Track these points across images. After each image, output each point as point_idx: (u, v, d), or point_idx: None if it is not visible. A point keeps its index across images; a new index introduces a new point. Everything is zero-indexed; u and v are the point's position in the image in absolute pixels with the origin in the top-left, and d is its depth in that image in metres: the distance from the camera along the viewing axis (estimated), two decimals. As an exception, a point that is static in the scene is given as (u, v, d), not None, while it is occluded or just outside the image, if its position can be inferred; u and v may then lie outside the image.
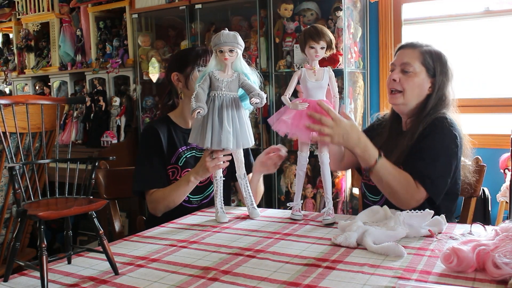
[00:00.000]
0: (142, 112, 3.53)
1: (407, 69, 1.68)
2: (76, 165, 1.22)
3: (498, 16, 2.77)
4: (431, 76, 1.69)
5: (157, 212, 1.81)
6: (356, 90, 2.92)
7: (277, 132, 1.52)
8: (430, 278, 1.02)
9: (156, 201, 1.79)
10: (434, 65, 1.68)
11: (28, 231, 2.21)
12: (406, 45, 1.75)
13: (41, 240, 1.00)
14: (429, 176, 1.55)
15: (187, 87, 1.88)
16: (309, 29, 1.48)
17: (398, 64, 1.71)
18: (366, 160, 1.55)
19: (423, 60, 1.68)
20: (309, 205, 2.86)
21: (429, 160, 1.57)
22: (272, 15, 2.89)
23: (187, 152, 1.88)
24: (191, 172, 1.71)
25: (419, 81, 1.68)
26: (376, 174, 1.55)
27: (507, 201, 2.40)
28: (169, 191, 1.77)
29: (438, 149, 1.59)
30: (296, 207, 1.57)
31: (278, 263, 1.14)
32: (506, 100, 2.74)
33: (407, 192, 1.54)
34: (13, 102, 1.16)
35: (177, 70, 1.90)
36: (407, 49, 1.72)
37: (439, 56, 1.71)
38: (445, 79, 1.69)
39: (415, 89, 1.68)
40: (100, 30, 3.74)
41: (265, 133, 3.01)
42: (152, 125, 1.91)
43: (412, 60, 1.68)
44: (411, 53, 1.70)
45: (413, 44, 1.73)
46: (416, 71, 1.67)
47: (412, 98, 1.69)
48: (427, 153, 1.58)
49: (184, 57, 1.91)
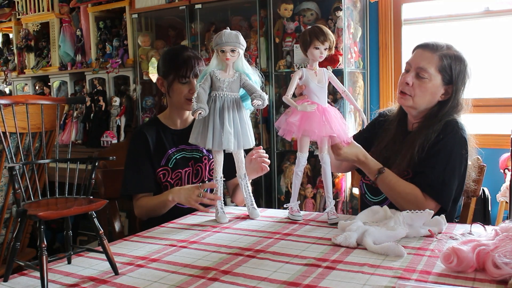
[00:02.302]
0: (142, 112, 3.53)
1: (422, 74, 1.62)
2: (76, 165, 1.22)
3: (498, 16, 2.77)
4: (446, 84, 1.64)
5: (142, 217, 1.85)
6: (356, 90, 2.92)
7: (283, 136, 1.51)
8: (430, 278, 1.02)
9: (140, 207, 1.83)
10: (452, 72, 1.62)
11: (28, 231, 2.20)
12: (426, 46, 1.66)
13: (41, 240, 1.00)
14: (437, 186, 1.54)
15: (168, 94, 1.89)
16: (314, 29, 1.46)
17: (414, 66, 1.65)
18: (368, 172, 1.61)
19: (441, 66, 1.62)
20: (309, 205, 2.86)
21: (439, 167, 1.55)
22: (272, 15, 2.89)
23: (176, 154, 1.87)
24: (173, 192, 1.72)
25: (433, 88, 1.63)
26: (382, 184, 1.59)
27: (507, 201, 2.40)
28: (151, 202, 1.80)
29: (447, 154, 1.57)
30: (295, 208, 1.57)
31: (278, 263, 1.14)
32: (506, 100, 2.74)
33: (414, 205, 1.52)
34: (13, 102, 1.16)
35: (161, 75, 1.91)
36: (426, 51, 1.64)
37: (459, 61, 1.64)
38: (461, 85, 1.64)
39: (427, 96, 1.64)
40: (100, 30, 3.73)
41: (265, 133, 3.01)
42: (140, 129, 1.91)
43: (429, 66, 1.61)
44: (429, 57, 1.62)
45: (433, 46, 1.64)
46: (430, 78, 1.61)
47: (422, 103, 1.65)
48: (437, 159, 1.56)
49: (167, 62, 1.88)
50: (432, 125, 1.61)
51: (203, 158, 1.89)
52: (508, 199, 2.38)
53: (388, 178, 1.57)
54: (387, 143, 1.72)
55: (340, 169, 1.91)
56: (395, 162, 1.62)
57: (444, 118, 1.62)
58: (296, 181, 1.54)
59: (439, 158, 1.57)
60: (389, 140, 1.73)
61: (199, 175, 1.89)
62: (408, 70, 1.68)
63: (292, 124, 1.45)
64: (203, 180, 1.89)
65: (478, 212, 2.35)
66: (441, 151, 1.57)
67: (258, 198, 2.98)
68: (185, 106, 1.87)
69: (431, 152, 1.59)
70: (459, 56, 1.65)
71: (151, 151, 1.85)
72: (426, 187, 1.54)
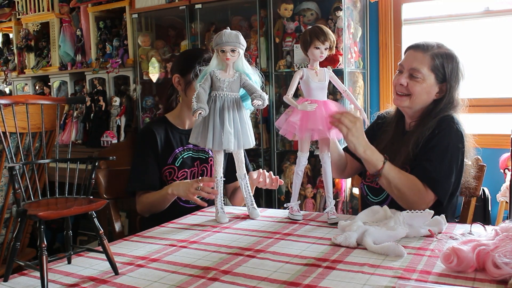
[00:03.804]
0: (142, 112, 3.53)
1: (416, 74, 1.64)
2: (76, 165, 1.22)
3: (498, 16, 2.77)
4: (440, 82, 1.65)
5: (144, 214, 1.86)
6: (356, 90, 2.92)
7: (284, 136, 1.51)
8: (430, 278, 1.02)
9: (141, 203, 1.84)
10: (444, 70, 1.64)
11: (28, 231, 2.20)
12: (416, 47, 1.68)
13: (41, 240, 1.00)
14: (436, 177, 1.55)
15: (185, 93, 1.88)
16: (314, 29, 1.46)
17: (406, 67, 1.67)
18: (373, 164, 1.55)
19: (433, 65, 1.63)
20: (309, 205, 2.86)
21: (436, 160, 1.56)
22: (272, 15, 2.89)
23: (184, 153, 1.88)
24: (173, 186, 1.74)
25: (427, 87, 1.65)
26: (385, 177, 1.55)
27: (507, 201, 2.40)
28: (152, 197, 1.81)
29: (444, 148, 1.58)
30: (295, 207, 1.57)
31: (278, 263, 1.14)
32: (506, 100, 2.74)
33: (416, 195, 1.54)
34: (13, 102, 1.16)
35: (179, 73, 1.90)
36: (418, 52, 1.66)
37: (451, 59, 1.65)
38: (455, 83, 1.66)
39: (423, 96, 1.66)
40: (100, 30, 3.73)
41: (265, 133, 3.01)
42: (149, 126, 1.92)
43: (421, 66, 1.63)
44: (421, 57, 1.64)
45: (424, 46, 1.66)
46: (424, 77, 1.63)
47: (418, 102, 1.67)
48: (434, 153, 1.57)
49: (189, 61, 1.88)
50: (427, 122, 1.63)
51: (209, 159, 1.91)
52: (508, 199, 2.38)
53: (392, 166, 1.57)
54: (386, 144, 1.73)
55: (343, 174, 1.90)
56: (393, 162, 1.62)
57: (439, 115, 1.63)
58: (296, 180, 1.54)
59: (435, 151, 1.57)
60: (388, 141, 1.75)
61: (204, 175, 1.90)
62: (401, 71, 1.70)
63: (293, 124, 1.46)
64: None
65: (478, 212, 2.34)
66: (437, 145, 1.58)
67: (258, 198, 2.98)
68: None
69: (427, 146, 1.60)
70: (450, 54, 1.66)
71: (158, 149, 1.86)
72: (425, 178, 1.55)
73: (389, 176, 1.55)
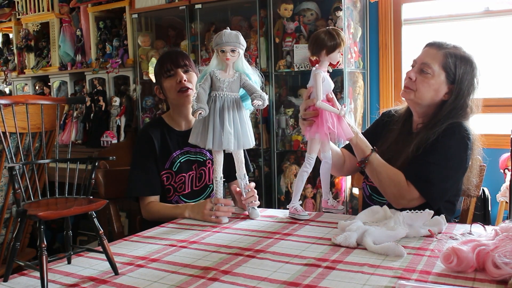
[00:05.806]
0: (142, 112, 3.53)
1: (425, 69, 1.62)
2: (76, 165, 1.22)
3: (498, 16, 2.77)
4: (450, 82, 1.62)
5: (149, 219, 1.83)
6: (356, 90, 2.92)
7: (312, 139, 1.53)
8: (430, 278, 1.02)
9: (150, 213, 1.81)
10: (456, 71, 1.61)
11: (28, 231, 2.20)
12: (433, 44, 1.66)
13: (41, 240, 1.00)
14: (426, 178, 1.53)
15: (164, 95, 1.91)
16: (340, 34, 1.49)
17: (419, 62, 1.66)
18: (363, 150, 1.60)
19: (445, 63, 1.60)
20: (309, 205, 2.86)
21: (432, 163, 1.55)
22: (272, 15, 2.89)
23: (181, 157, 1.87)
24: (189, 208, 1.67)
25: (435, 85, 1.61)
26: (371, 165, 1.59)
27: (507, 201, 2.40)
28: (165, 211, 1.75)
29: (444, 153, 1.56)
30: (299, 208, 1.57)
31: (278, 263, 1.14)
32: (506, 100, 2.74)
33: (395, 187, 1.54)
34: (13, 102, 1.16)
35: (156, 83, 1.97)
36: (433, 48, 1.64)
37: (466, 62, 1.62)
38: (467, 88, 1.62)
39: (430, 92, 1.62)
40: (100, 30, 3.73)
41: (265, 133, 3.01)
42: (146, 130, 1.91)
43: (433, 62, 1.61)
44: (435, 54, 1.62)
45: (440, 44, 1.65)
46: (434, 74, 1.61)
47: (424, 98, 1.64)
48: (432, 156, 1.56)
49: (156, 67, 1.93)
50: (434, 126, 1.61)
51: (206, 162, 1.89)
52: (508, 199, 2.38)
53: (379, 157, 1.60)
54: (390, 143, 1.72)
55: (342, 171, 1.90)
56: (394, 161, 1.62)
57: (447, 121, 1.60)
58: (301, 181, 1.54)
59: (434, 154, 1.56)
60: (393, 140, 1.73)
61: (202, 178, 1.89)
62: (414, 66, 1.69)
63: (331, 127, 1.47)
64: (206, 184, 1.89)
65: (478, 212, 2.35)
66: (437, 149, 1.56)
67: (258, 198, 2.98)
68: (180, 99, 1.86)
69: (428, 149, 1.58)
70: (466, 58, 1.63)
71: (156, 153, 1.85)
72: (412, 176, 1.55)
73: (374, 163, 1.58)
